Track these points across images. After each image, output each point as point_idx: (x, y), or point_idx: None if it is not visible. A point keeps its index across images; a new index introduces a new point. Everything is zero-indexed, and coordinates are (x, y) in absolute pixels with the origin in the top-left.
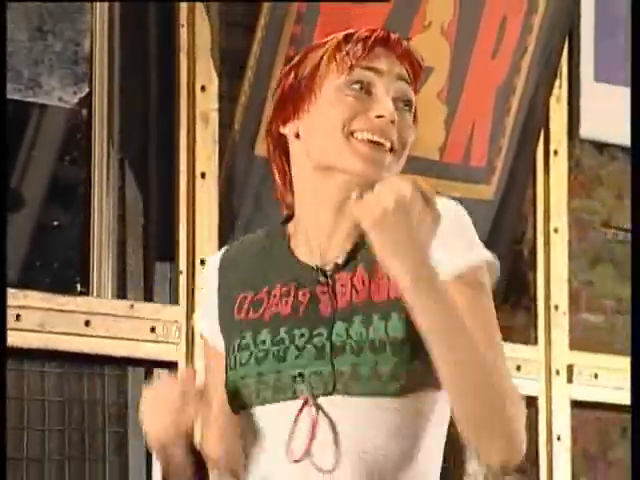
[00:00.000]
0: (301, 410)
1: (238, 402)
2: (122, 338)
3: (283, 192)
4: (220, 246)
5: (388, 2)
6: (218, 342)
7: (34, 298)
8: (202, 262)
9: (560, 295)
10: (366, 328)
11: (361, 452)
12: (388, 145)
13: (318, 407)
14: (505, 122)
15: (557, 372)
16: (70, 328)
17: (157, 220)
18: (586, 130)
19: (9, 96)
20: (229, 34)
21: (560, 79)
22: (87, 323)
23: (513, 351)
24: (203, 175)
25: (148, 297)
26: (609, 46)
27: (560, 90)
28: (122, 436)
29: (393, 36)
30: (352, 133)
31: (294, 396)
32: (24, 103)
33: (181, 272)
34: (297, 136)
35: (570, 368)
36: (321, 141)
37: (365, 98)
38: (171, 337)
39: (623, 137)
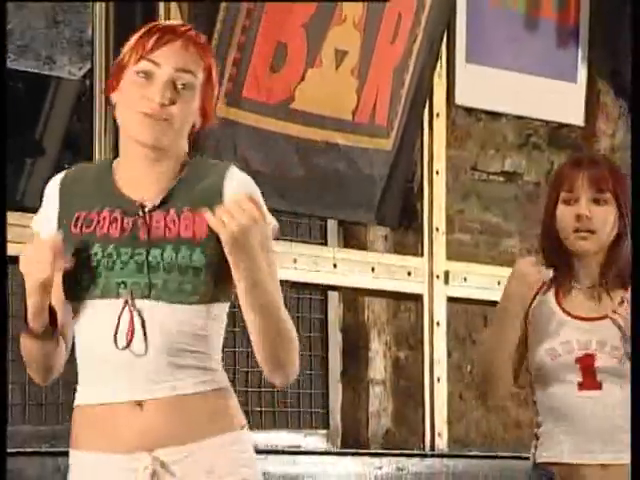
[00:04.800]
0: (123, 309)
1: (72, 293)
2: None
3: None
4: None
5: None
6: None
7: None
8: None
9: (440, 220)
10: (175, 255)
11: (166, 341)
12: (162, 117)
13: (135, 307)
14: (401, 92)
15: (437, 276)
16: None
17: None
18: (459, 99)
19: (31, 70)
20: (196, 24)
21: (440, 61)
22: None
23: (405, 261)
24: None
25: None
26: (476, 37)
27: (441, 69)
28: None
29: (181, 29)
30: (138, 110)
31: (118, 297)
32: (44, 76)
33: None
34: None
35: (447, 273)
36: (122, 114)
37: (146, 84)
38: None
39: (486, 103)
